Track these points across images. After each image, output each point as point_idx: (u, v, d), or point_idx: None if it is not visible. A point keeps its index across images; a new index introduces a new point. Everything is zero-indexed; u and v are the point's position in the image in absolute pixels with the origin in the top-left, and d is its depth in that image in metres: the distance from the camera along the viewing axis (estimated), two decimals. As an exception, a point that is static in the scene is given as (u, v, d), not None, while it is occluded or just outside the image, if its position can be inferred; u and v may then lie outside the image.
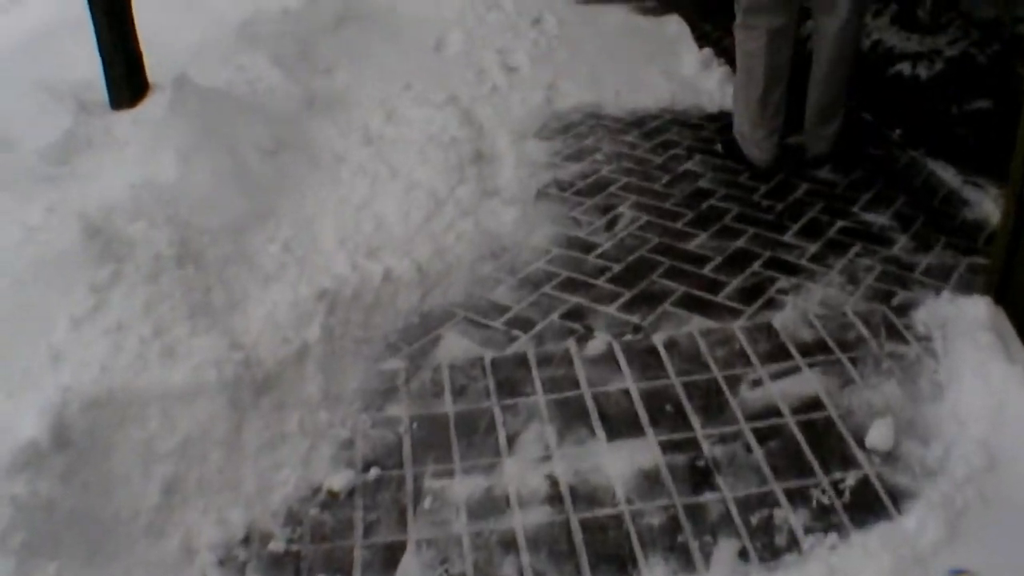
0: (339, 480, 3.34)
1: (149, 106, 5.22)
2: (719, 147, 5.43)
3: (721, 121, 5.78)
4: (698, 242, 4.64)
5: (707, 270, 4.42)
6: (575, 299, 4.23)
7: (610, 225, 4.78)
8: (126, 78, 5.20)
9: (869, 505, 3.13)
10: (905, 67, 5.91)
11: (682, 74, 6.54)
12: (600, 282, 4.35)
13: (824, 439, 3.42)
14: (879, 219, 4.82)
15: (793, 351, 3.87)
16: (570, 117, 5.93)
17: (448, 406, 3.68)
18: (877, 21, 6.69)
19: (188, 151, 4.73)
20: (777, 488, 3.23)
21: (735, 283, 4.32)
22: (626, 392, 3.69)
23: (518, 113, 5.90)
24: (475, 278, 4.40)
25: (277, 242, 4.42)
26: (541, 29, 7.28)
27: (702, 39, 7.05)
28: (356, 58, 6.72)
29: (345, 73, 6.47)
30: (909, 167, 5.32)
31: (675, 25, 7.29)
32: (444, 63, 6.65)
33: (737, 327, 4.03)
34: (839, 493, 3.19)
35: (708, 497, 3.21)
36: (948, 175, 5.21)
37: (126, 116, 5.12)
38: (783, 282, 4.32)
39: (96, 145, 4.87)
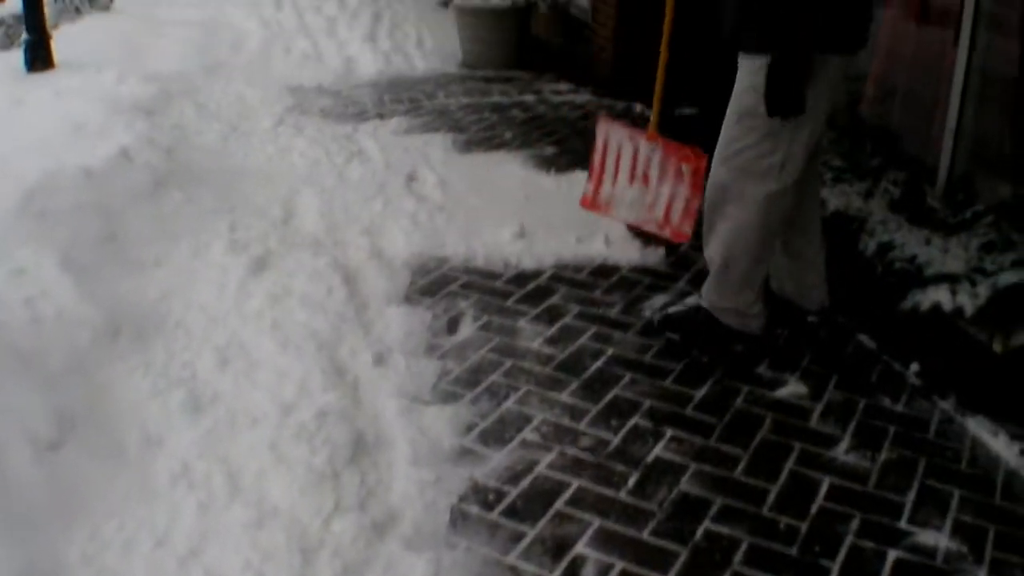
0: None
1: None
2: (673, 336, 4.54)
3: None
4: (705, 617, 3.13)
5: None
6: None
7: (570, 585, 3.23)
8: None
9: None
10: (943, 295, 4.58)
11: (611, 265, 5.19)
12: None
13: None
14: (940, 540, 3.42)
15: None
16: (476, 353, 4.39)
17: None
18: (870, 205, 5.33)
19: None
20: None
21: None
22: None
23: (403, 346, 4.33)
24: None
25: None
26: (419, 193, 5.79)
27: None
28: (180, 240, 5.15)
29: (165, 269, 4.90)
30: (945, 432, 3.99)
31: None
32: (296, 249, 5.06)
33: None
34: None
35: None
36: (999, 445, 3.89)
37: None
38: None
39: None
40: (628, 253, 5.25)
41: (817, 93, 3.95)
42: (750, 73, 4.03)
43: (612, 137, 5.33)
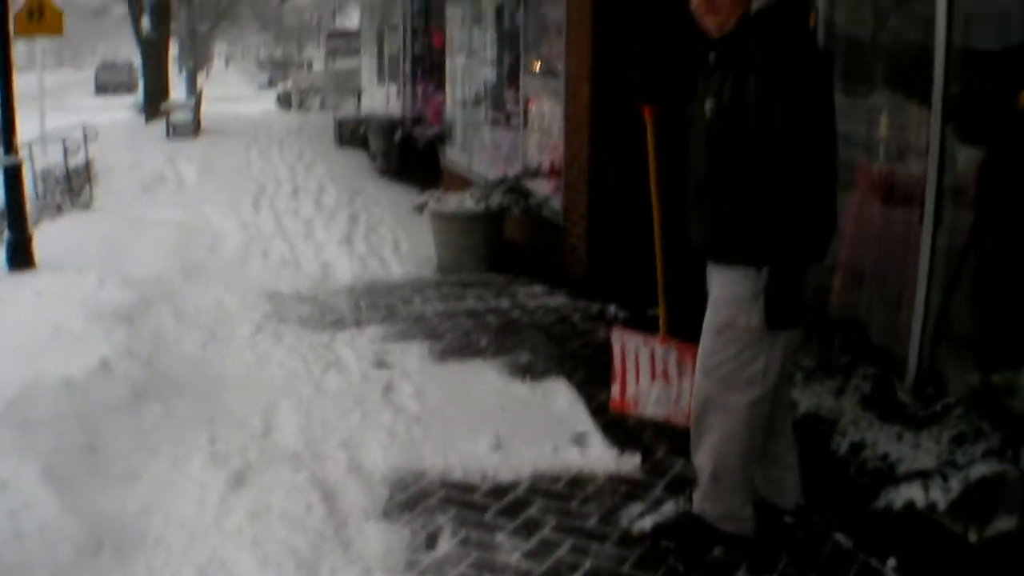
0: None
1: None
2: (668, 544, 4.52)
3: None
4: None
5: None
6: None
7: None
8: None
9: None
10: (915, 492, 4.60)
11: (587, 474, 5.17)
12: None
13: None
14: None
15: None
16: (455, 569, 4.32)
17: None
18: (841, 403, 5.42)
19: None
20: None
21: None
22: None
23: (383, 564, 4.35)
24: None
25: None
26: (396, 404, 5.86)
27: (601, 413, 5.77)
28: (159, 453, 5.21)
29: (145, 483, 4.94)
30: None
31: (564, 397, 5.98)
32: (275, 463, 5.11)
33: None
34: None
35: None
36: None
37: None
38: None
39: None
40: (604, 462, 5.29)
41: None
42: (728, 284, 4.14)
43: (628, 344, 5.52)
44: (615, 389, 5.62)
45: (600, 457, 5.33)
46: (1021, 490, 4.31)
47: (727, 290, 4.15)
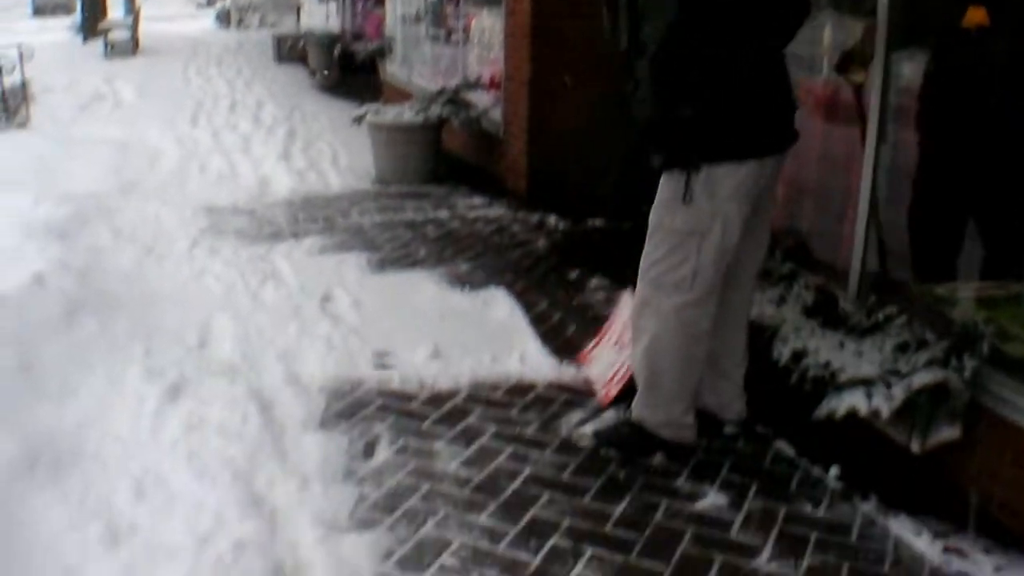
0: None
1: None
2: (609, 452, 4.55)
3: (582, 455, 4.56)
4: None
5: None
6: None
7: None
8: None
9: None
10: (858, 400, 4.54)
11: (527, 383, 5.20)
12: None
13: None
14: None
15: None
16: (393, 477, 4.36)
17: None
18: (783, 311, 5.40)
19: None
20: None
21: None
22: None
23: (320, 473, 4.34)
24: None
25: None
26: (334, 315, 5.83)
27: (540, 322, 5.82)
28: (95, 368, 5.15)
29: (81, 398, 4.88)
30: (867, 534, 4.02)
31: (503, 306, 5.96)
32: (211, 376, 5.08)
33: None
34: None
35: None
36: (922, 544, 3.92)
37: None
38: None
39: None
40: (543, 370, 5.29)
41: (716, 204, 4.07)
42: (661, 187, 4.17)
43: (624, 311, 5.25)
44: (590, 345, 5.43)
45: (539, 366, 5.33)
46: (963, 399, 4.30)
47: (660, 193, 4.17)
